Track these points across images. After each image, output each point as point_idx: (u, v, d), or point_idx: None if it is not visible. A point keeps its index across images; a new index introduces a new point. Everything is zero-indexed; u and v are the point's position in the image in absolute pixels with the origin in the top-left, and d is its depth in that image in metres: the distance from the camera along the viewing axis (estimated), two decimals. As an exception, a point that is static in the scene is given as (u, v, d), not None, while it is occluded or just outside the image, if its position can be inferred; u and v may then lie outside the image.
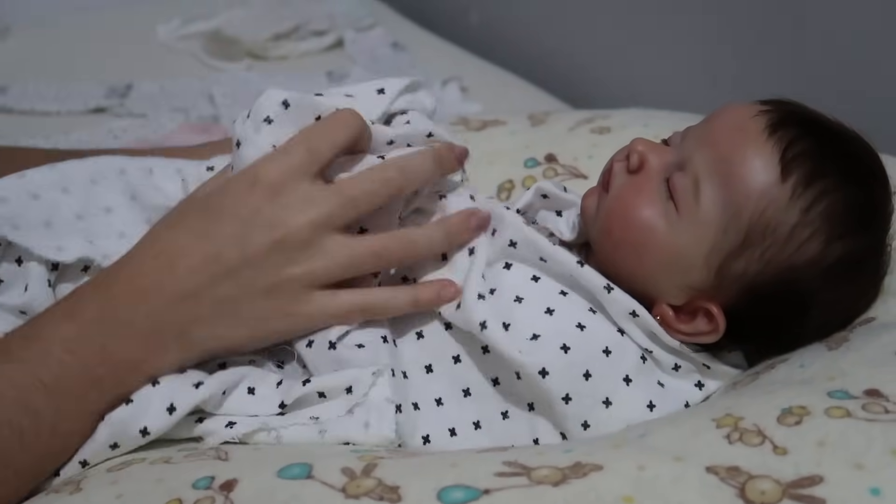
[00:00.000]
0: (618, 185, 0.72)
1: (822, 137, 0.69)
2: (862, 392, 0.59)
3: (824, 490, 0.51)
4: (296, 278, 0.65)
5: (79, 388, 0.62)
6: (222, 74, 1.66)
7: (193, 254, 0.64)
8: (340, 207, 0.65)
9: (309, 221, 0.64)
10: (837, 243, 0.67)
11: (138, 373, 0.64)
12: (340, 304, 0.67)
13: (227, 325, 0.65)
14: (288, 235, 0.64)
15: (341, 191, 0.66)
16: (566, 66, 1.71)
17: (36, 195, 0.72)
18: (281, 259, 0.64)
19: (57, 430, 0.62)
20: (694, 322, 0.70)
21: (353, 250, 0.66)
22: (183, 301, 0.64)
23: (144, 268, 0.65)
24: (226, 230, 0.64)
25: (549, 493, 0.52)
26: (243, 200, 0.65)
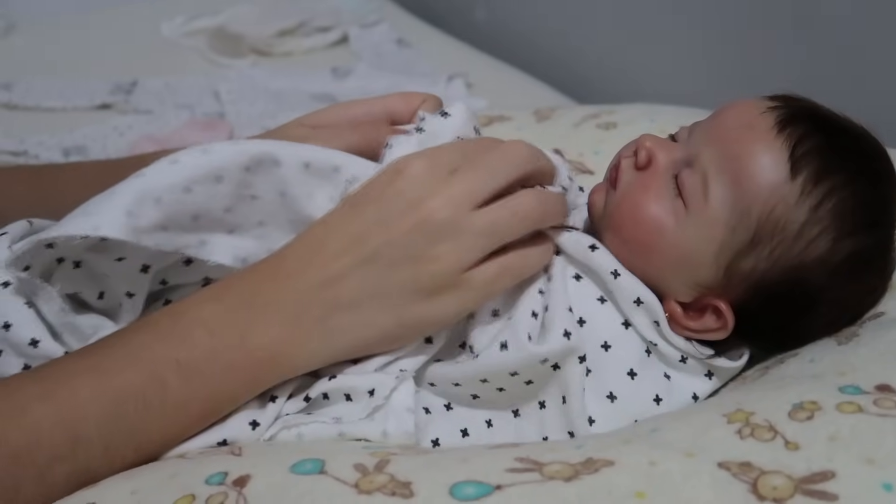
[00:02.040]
0: (626, 182, 0.72)
1: (831, 134, 0.69)
2: (873, 387, 0.59)
3: (836, 485, 0.51)
4: (440, 259, 0.64)
5: (211, 370, 0.62)
6: (227, 71, 1.67)
7: (338, 237, 0.65)
8: (480, 181, 0.65)
9: (448, 200, 0.64)
10: (846, 241, 0.67)
11: (273, 363, 0.64)
12: (486, 274, 0.66)
13: (372, 309, 0.65)
14: (430, 215, 0.64)
15: (477, 164, 0.66)
16: (571, 61, 1.71)
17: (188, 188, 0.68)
18: (423, 240, 0.64)
19: (186, 410, 0.62)
20: (703, 319, 0.70)
21: (494, 217, 0.65)
22: (327, 284, 0.64)
23: (291, 253, 0.66)
24: (369, 214, 0.65)
25: (561, 489, 0.52)
26: (386, 189, 0.65)
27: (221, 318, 0.64)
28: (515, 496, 0.52)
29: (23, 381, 0.61)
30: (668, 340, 0.69)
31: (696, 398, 0.69)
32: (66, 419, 0.59)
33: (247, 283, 0.65)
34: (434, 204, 0.64)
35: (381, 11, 1.95)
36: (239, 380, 0.64)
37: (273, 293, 0.64)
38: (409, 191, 0.65)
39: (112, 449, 0.60)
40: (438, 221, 0.64)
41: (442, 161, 0.66)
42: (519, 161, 0.67)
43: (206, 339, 0.63)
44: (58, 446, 0.58)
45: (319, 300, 0.64)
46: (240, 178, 0.68)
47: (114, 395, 0.60)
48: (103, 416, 0.60)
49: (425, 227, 0.64)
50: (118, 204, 0.65)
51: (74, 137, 1.40)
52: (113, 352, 0.62)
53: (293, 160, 0.70)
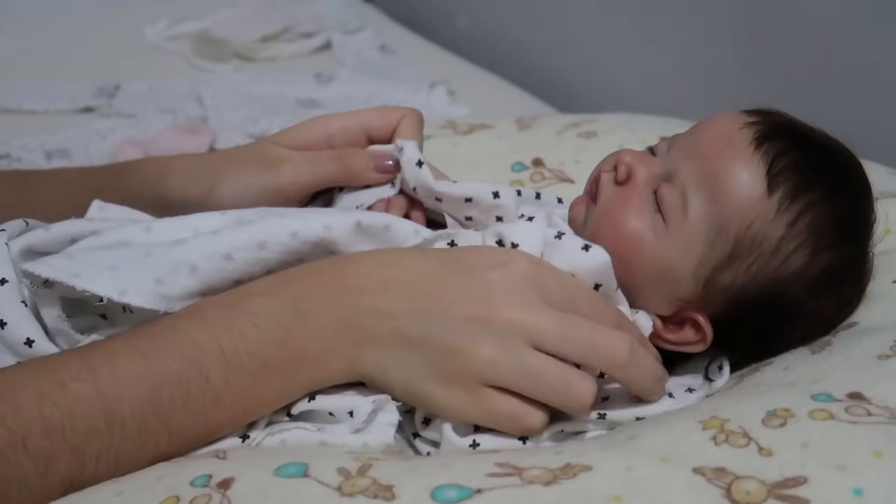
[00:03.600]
0: (605, 197, 0.73)
1: (808, 150, 0.70)
2: (845, 395, 0.60)
3: (808, 490, 0.52)
4: (475, 359, 0.62)
5: (250, 365, 0.62)
6: (210, 75, 1.67)
7: (409, 280, 0.64)
8: (552, 330, 0.63)
9: (517, 319, 0.62)
10: (823, 255, 0.68)
11: (304, 369, 0.64)
12: (505, 407, 0.63)
13: (394, 361, 0.64)
14: (494, 316, 0.62)
15: (563, 320, 0.63)
16: (553, 70, 1.72)
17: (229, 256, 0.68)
18: (473, 332, 0.62)
19: (220, 403, 0.62)
20: (682, 332, 0.71)
21: (541, 368, 0.62)
22: (373, 314, 0.64)
23: (361, 269, 0.65)
24: (450, 281, 0.64)
25: (540, 493, 0.53)
26: (484, 268, 0.64)
27: (269, 315, 0.63)
28: (495, 500, 0.53)
29: (67, 358, 0.62)
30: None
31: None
32: (103, 398, 0.59)
33: (302, 284, 0.65)
34: (508, 315, 0.62)
35: (364, 18, 1.95)
36: (272, 381, 0.64)
37: (324, 302, 0.64)
38: (499, 286, 0.63)
39: (145, 432, 0.60)
40: (498, 329, 0.62)
41: (547, 287, 0.64)
42: (607, 358, 0.64)
43: (253, 332, 0.63)
44: (92, 424, 0.59)
45: (360, 327, 0.64)
46: (285, 246, 0.69)
47: (152, 380, 0.60)
48: (139, 398, 0.60)
49: (485, 325, 0.62)
50: (150, 269, 0.66)
51: (57, 140, 1.40)
52: (158, 337, 0.62)
53: (345, 224, 0.70)
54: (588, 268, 0.68)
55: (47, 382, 0.59)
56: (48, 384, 0.59)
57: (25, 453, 0.57)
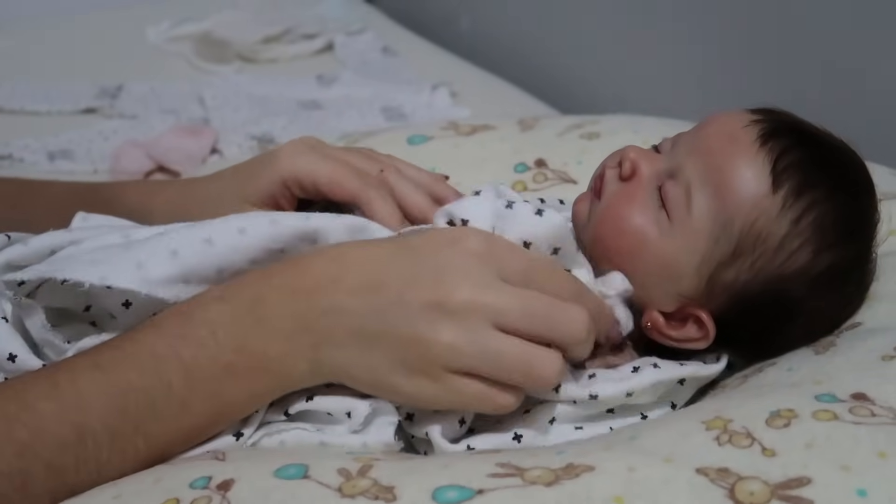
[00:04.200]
0: (610, 193, 0.73)
1: (812, 148, 0.70)
2: (849, 396, 0.60)
3: (812, 491, 0.52)
4: (434, 346, 0.61)
5: (211, 371, 0.62)
6: (212, 77, 1.67)
7: (361, 272, 0.63)
8: (511, 309, 0.61)
9: (474, 300, 0.60)
10: (826, 253, 0.68)
11: (268, 373, 0.63)
12: (472, 390, 0.62)
13: (355, 359, 0.63)
14: (449, 299, 0.60)
15: (521, 296, 0.61)
16: (555, 71, 1.72)
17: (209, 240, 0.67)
18: (431, 319, 0.61)
19: (187, 409, 0.62)
20: (684, 329, 0.71)
21: (503, 349, 0.61)
22: (328, 314, 0.62)
23: (312, 269, 0.64)
24: (401, 267, 0.63)
25: (541, 494, 0.53)
26: (434, 250, 0.63)
27: (225, 321, 0.63)
28: (497, 500, 0.53)
29: (31, 379, 0.62)
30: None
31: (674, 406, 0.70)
32: (69, 413, 0.59)
33: (256, 287, 0.64)
34: (463, 296, 0.60)
35: (366, 20, 1.95)
36: (238, 385, 0.63)
37: (278, 306, 0.63)
38: (451, 266, 0.62)
39: (120, 440, 0.60)
40: (454, 312, 0.60)
41: (502, 262, 0.63)
42: (569, 336, 0.62)
43: (209, 339, 0.62)
44: (62, 438, 0.59)
45: (316, 327, 0.63)
46: (265, 231, 0.68)
47: (116, 391, 0.60)
48: (106, 410, 0.60)
49: (441, 309, 0.61)
50: (130, 257, 0.66)
51: (59, 141, 1.40)
52: (118, 351, 0.63)
53: (325, 216, 0.70)
54: (544, 233, 0.66)
55: (14, 406, 0.59)
56: (15, 407, 0.59)
57: (1, 475, 0.57)
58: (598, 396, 0.66)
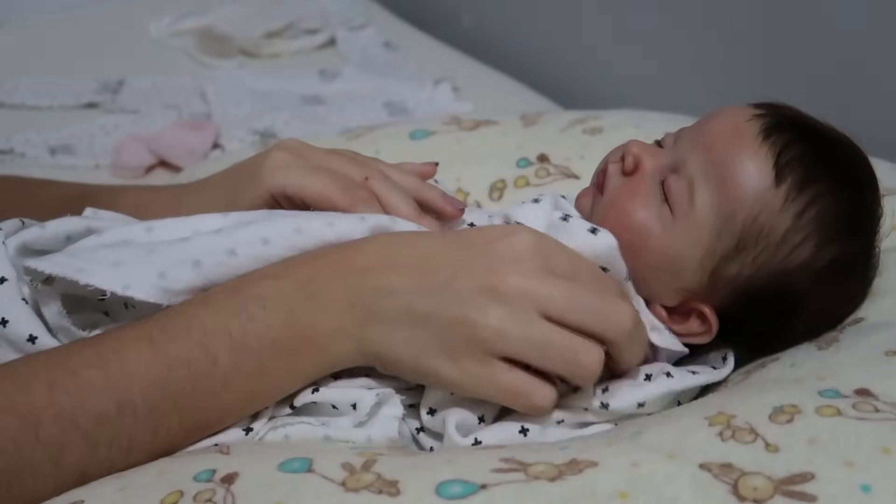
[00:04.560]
0: (613, 187, 0.73)
1: (815, 142, 0.70)
2: (852, 391, 0.60)
3: (815, 487, 0.52)
4: (483, 329, 0.61)
5: (258, 346, 0.63)
6: (214, 71, 1.67)
7: (414, 256, 0.64)
8: (559, 297, 0.62)
9: (524, 286, 0.62)
10: (829, 247, 0.68)
11: (313, 350, 0.64)
12: (512, 379, 0.63)
13: (401, 338, 0.63)
14: (498, 286, 0.62)
15: (576, 290, 0.63)
16: (558, 67, 1.72)
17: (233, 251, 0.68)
18: (481, 302, 0.62)
19: (229, 385, 0.63)
20: (687, 323, 0.71)
21: (550, 336, 0.62)
22: (379, 293, 0.63)
23: (365, 251, 0.66)
24: (455, 254, 0.64)
25: (545, 489, 0.53)
26: (487, 240, 0.64)
27: (275, 295, 0.64)
28: (500, 495, 0.53)
29: (76, 347, 0.63)
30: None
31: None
32: (112, 383, 0.60)
33: (309, 267, 0.65)
34: (513, 282, 0.62)
35: (368, 15, 1.95)
36: (283, 363, 0.64)
37: (329, 282, 0.64)
38: (503, 256, 0.63)
39: (156, 416, 0.61)
40: (504, 298, 0.62)
41: (552, 257, 0.64)
42: (614, 327, 0.63)
43: (259, 313, 0.63)
44: (103, 409, 0.59)
45: (366, 305, 0.64)
46: (289, 240, 0.68)
47: (160, 363, 0.61)
48: (148, 382, 0.61)
49: (491, 295, 0.62)
50: (153, 264, 0.66)
51: (61, 136, 1.40)
52: (166, 323, 0.63)
53: (348, 220, 0.70)
54: (594, 251, 0.67)
55: (58, 371, 0.60)
56: (59, 373, 0.60)
57: (37, 441, 0.58)
58: (610, 407, 0.66)
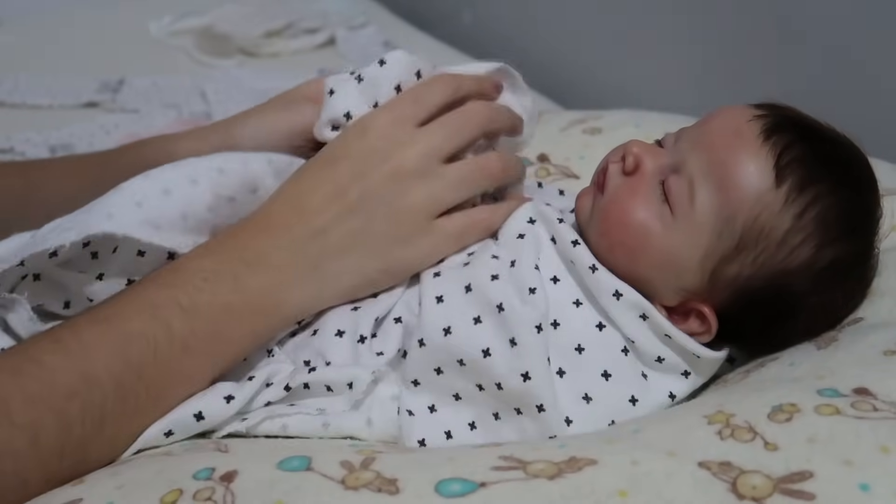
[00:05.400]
0: (613, 187, 0.73)
1: (815, 143, 0.70)
2: (851, 390, 0.60)
3: (814, 485, 0.52)
4: (414, 205, 0.71)
5: (211, 312, 0.66)
6: (214, 71, 1.67)
7: (319, 193, 0.70)
8: (446, 139, 0.72)
9: (418, 152, 0.71)
10: (829, 248, 0.68)
11: (268, 307, 0.69)
12: (456, 223, 0.73)
13: (357, 256, 0.70)
14: (402, 165, 0.70)
15: (444, 123, 0.72)
16: (557, 67, 1.72)
17: (168, 190, 0.72)
18: (398, 188, 0.70)
19: (189, 350, 0.65)
20: (687, 323, 0.71)
21: (461, 170, 0.72)
22: (313, 237, 0.69)
23: (273, 211, 0.71)
24: (344, 170, 0.70)
25: (544, 487, 0.53)
26: (357, 145, 0.71)
27: (218, 267, 0.68)
28: (499, 493, 0.53)
29: (33, 339, 0.65)
30: (657, 331, 0.70)
31: (674, 397, 0.70)
32: (76, 362, 0.62)
33: (238, 238, 0.70)
34: (405, 154, 0.70)
35: (368, 14, 1.95)
36: (237, 323, 0.67)
37: (265, 245, 0.69)
38: (380, 145, 0.71)
39: (123, 388, 0.63)
40: (410, 170, 0.70)
41: (405, 115, 0.72)
42: (479, 121, 0.74)
43: (204, 284, 0.66)
44: (71, 387, 0.61)
45: (310, 250, 0.69)
46: (213, 179, 0.72)
47: (120, 339, 0.63)
48: (111, 356, 0.63)
49: (398, 177, 0.70)
50: (99, 210, 0.69)
51: (61, 135, 1.40)
52: (117, 305, 0.66)
53: (259, 159, 0.75)
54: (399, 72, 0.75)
55: (20, 360, 0.61)
56: (21, 360, 0.61)
57: (13, 426, 0.58)
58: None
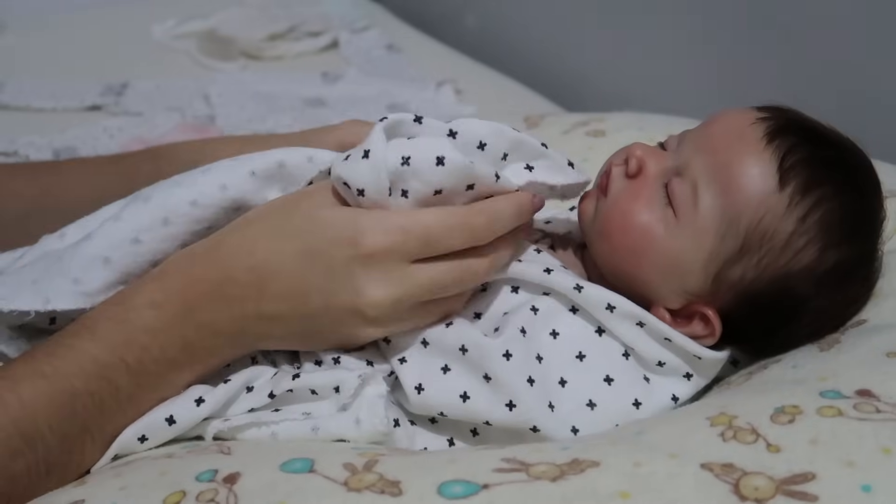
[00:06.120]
0: (616, 190, 0.73)
1: (818, 146, 0.70)
2: (853, 392, 0.60)
3: (817, 487, 0.52)
4: (366, 338, 0.69)
5: (157, 369, 0.66)
6: (218, 74, 1.67)
7: (284, 284, 0.67)
8: (426, 290, 0.67)
9: (393, 297, 0.66)
10: (832, 251, 0.68)
11: (210, 358, 0.68)
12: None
13: (296, 344, 0.70)
14: (368, 307, 0.66)
15: (428, 275, 0.67)
16: (560, 69, 1.72)
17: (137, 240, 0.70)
18: (356, 322, 0.67)
19: (135, 400, 0.66)
20: (690, 326, 0.71)
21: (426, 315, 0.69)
22: (264, 320, 0.67)
23: (236, 278, 0.67)
24: (316, 277, 0.66)
25: (546, 489, 0.53)
26: (339, 256, 0.66)
27: (165, 327, 0.66)
28: (502, 495, 0.53)
29: None
30: (656, 336, 0.70)
31: (676, 399, 0.70)
32: (17, 423, 0.61)
33: (185, 295, 0.67)
34: (378, 296, 0.66)
35: (371, 17, 1.95)
36: (180, 374, 0.67)
37: (214, 312, 0.67)
38: (359, 274, 0.65)
39: (68, 441, 0.63)
40: (373, 317, 0.66)
41: (405, 251, 0.66)
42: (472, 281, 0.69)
43: (152, 344, 0.66)
44: (14, 447, 0.60)
45: (255, 330, 0.68)
46: (187, 215, 0.69)
47: (62, 399, 0.63)
48: (54, 417, 0.62)
49: (359, 313, 0.66)
50: (65, 272, 0.68)
51: (65, 138, 1.40)
52: (55, 359, 0.64)
53: (239, 178, 0.71)
54: (452, 181, 0.66)
55: None
56: None
57: None
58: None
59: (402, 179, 0.66)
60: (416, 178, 0.65)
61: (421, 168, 0.65)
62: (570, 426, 0.67)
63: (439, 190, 0.66)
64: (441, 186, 0.66)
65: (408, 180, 0.66)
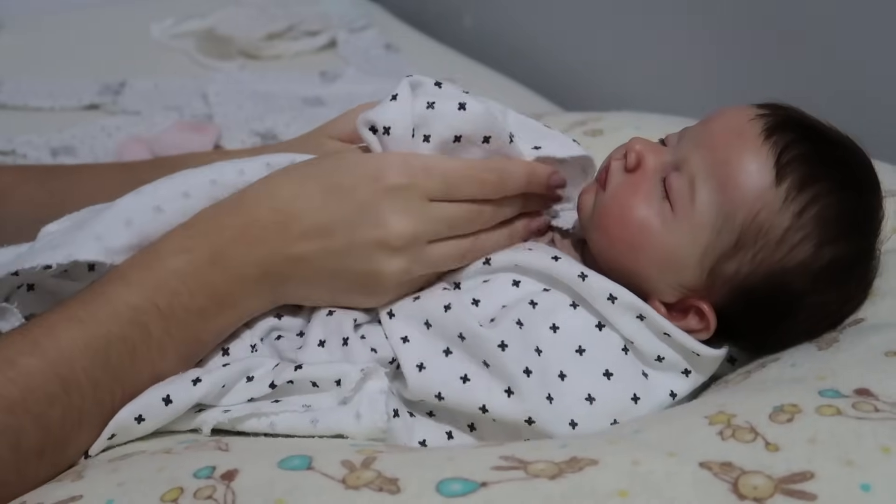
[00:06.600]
0: (614, 184, 0.73)
1: (817, 143, 0.70)
2: (852, 391, 0.60)
3: (815, 486, 0.52)
4: (388, 274, 0.70)
5: (186, 315, 0.68)
6: (216, 73, 1.67)
7: (309, 222, 0.69)
8: (447, 228, 0.71)
9: (412, 232, 0.69)
10: (828, 247, 0.68)
11: (234, 310, 0.70)
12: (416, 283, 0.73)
13: (319, 289, 0.72)
14: (389, 239, 0.69)
15: (445, 213, 0.71)
16: (558, 68, 1.72)
17: (159, 208, 0.72)
18: (380, 255, 0.69)
19: (164, 353, 0.67)
20: (686, 320, 0.71)
21: (442, 251, 0.72)
22: (290, 261, 0.70)
23: (261, 220, 0.70)
24: (341, 212, 0.69)
25: (545, 487, 0.53)
26: (364, 189, 0.69)
27: (193, 272, 0.68)
28: (500, 493, 0.53)
29: (7, 339, 0.64)
30: (656, 330, 0.70)
31: (674, 395, 0.70)
32: (55, 367, 0.62)
33: (212, 240, 0.69)
34: (399, 230, 0.69)
35: (369, 17, 1.96)
36: (207, 325, 0.69)
37: (241, 256, 0.69)
38: (383, 206, 0.69)
39: (101, 390, 0.64)
40: (395, 247, 0.69)
41: (425, 189, 0.70)
42: (486, 246, 0.74)
43: (181, 288, 0.67)
44: (51, 391, 0.61)
45: (280, 271, 0.70)
46: (207, 191, 0.73)
47: (98, 344, 0.64)
48: (89, 361, 0.63)
49: (381, 247, 0.69)
50: (87, 230, 0.69)
51: (62, 137, 1.40)
52: (91, 304, 0.66)
53: (258, 162, 0.75)
54: (471, 128, 0.71)
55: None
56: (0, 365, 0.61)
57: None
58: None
59: (425, 123, 0.70)
60: (440, 120, 0.70)
61: (444, 111, 0.70)
62: (569, 420, 0.67)
63: (458, 136, 0.71)
64: (461, 132, 0.70)
65: (431, 124, 0.70)
